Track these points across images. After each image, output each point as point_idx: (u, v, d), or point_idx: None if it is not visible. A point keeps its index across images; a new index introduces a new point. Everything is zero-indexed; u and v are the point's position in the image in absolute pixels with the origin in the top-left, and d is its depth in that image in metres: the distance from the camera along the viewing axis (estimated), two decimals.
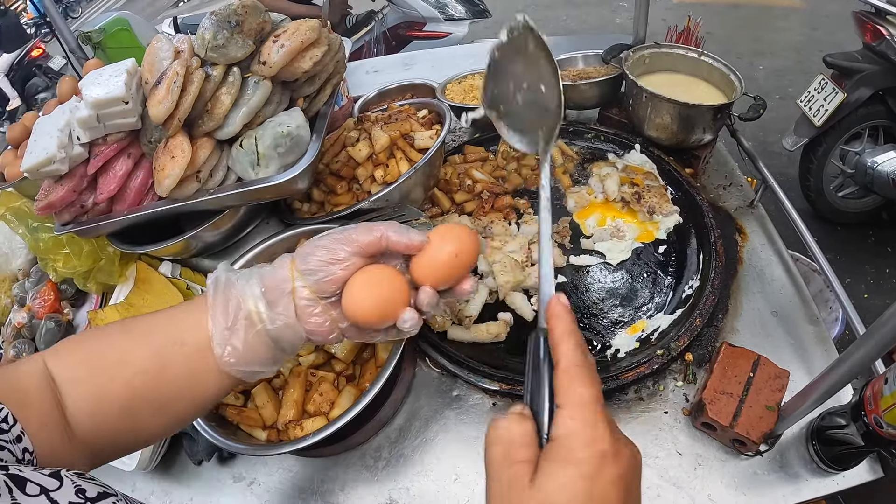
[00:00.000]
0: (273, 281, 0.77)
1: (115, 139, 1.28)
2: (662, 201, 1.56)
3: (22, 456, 0.61)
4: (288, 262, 0.79)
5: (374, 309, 0.76)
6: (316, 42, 1.28)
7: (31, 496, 0.51)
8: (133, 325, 0.79)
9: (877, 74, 3.15)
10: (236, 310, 0.76)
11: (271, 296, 0.76)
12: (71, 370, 0.73)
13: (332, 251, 0.77)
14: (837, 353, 1.30)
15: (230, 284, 0.78)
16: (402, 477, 1.23)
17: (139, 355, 0.75)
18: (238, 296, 0.77)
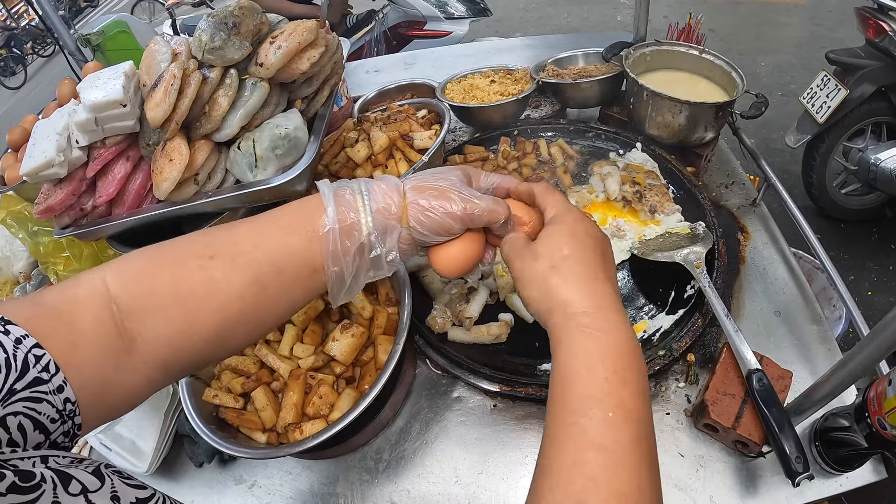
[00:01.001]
0: (382, 215, 0.79)
1: (113, 142, 1.27)
2: (664, 200, 1.55)
3: (63, 407, 0.59)
4: (400, 204, 0.80)
5: (459, 269, 0.86)
6: (313, 43, 1.27)
7: (72, 495, 0.50)
8: (220, 246, 0.75)
9: (879, 71, 3.13)
10: (352, 238, 0.78)
11: (379, 227, 0.79)
12: (148, 298, 0.70)
13: (448, 226, 0.81)
14: (841, 352, 1.30)
15: (344, 209, 0.78)
16: (403, 479, 1.23)
17: (236, 282, 0.73)
18: (355, 226, 0.78)
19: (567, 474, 0.65)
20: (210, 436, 1.08)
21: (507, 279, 1.38)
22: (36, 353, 0.58)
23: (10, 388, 0.54)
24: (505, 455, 1.22)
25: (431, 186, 0.81)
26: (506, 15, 7.18)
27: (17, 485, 0.46)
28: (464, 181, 0.85)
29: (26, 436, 0.54)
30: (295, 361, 1.17)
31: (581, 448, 0.65)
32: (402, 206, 0.80)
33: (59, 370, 0.59)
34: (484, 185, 0.89)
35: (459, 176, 0.85)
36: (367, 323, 1.21)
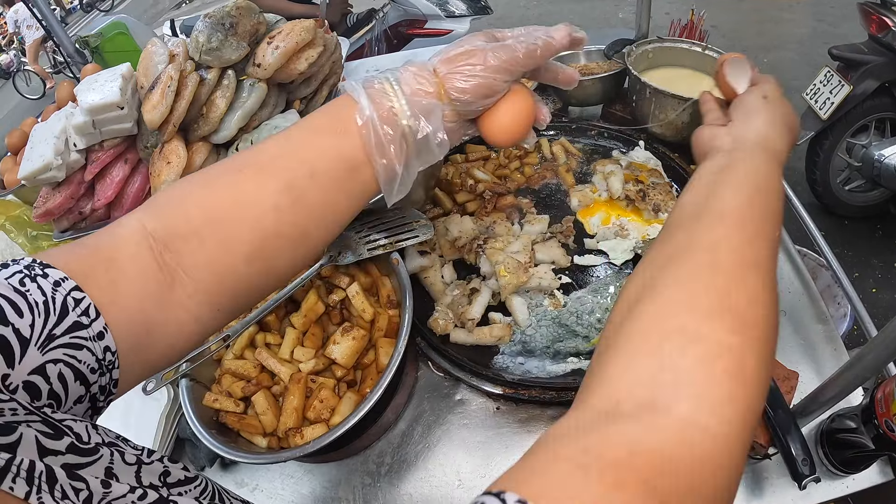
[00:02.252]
0: (419, 96, 0.75)
1: (111, 145, 1.27)
2: (668, 199, 1.54)
3: (103, 356, 0.57)
4: (434, 81, 0.77)
5: (513, 134, 0.83)
6: (311, 43, 1.27)
7: (128, 464, 0.50)
8: (247, 158, 0.73)
9: (883, 66, 3.12)
10: (393, 125, 0.74)
11: (418, 109, 0.75)
12: (181, 225, 0.67)
13: (490, 83, 0.76)
14: (846, 350, 1.28)
15: (378, 99, 0.75)
16: (405, 482, 1.22)
17: (267, 191, 0.69)
18: (392, 112, 0.74)
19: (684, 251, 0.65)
20: (210, 440, 1.07)
21: (510, 279, 1.37)
22: (75, 297, 0.56)
23: (49, 334, 0.52)
24: (508, 458, 1.21)
25: (460, 51, 0.77)
26: (507, 13, 7.17)
27: (76, 445, 0.46)
28: (490, 38, 0.81)
29: (67, 388, 0.52)
30: (295, 365, 1.16)
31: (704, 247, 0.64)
32: (437, 82, 0.76)
33: (100, 315, 0.57)
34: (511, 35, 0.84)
35: (483, 36, 0.81)
36: (368, 325, 1.20)
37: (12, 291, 0.52)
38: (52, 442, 0.44)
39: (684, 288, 0.59)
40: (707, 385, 0.50)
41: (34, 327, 0.51)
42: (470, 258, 1.48)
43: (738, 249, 0.62)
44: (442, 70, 0.76)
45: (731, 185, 0.74)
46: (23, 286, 0.53)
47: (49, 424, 0.46)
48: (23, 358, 0.49)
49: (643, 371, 0.53)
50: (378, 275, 1.28)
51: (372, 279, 1.28)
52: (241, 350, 1.21)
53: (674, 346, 0.53)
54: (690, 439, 0.48)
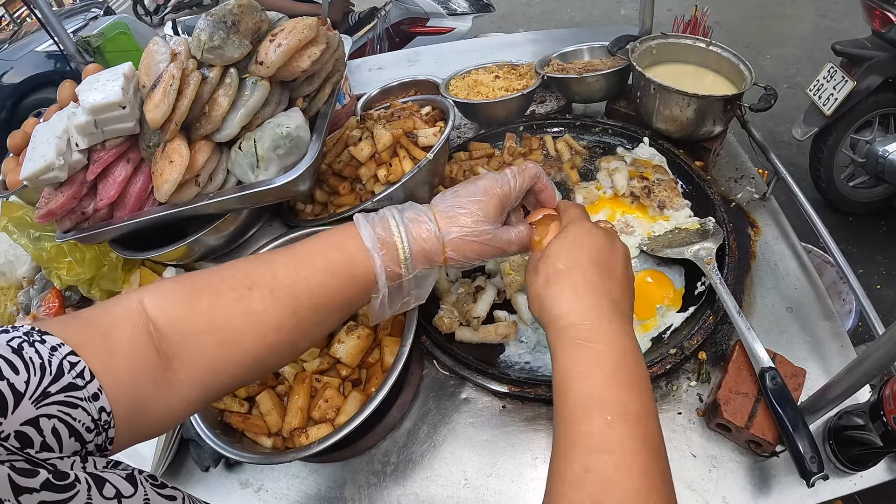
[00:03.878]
0: (422, 265, 0.87)
1: (113, 144, 1.26)
2: (673, 195, 1.53)
3: (98, 416, 0.59)
4: (440, 254, 0.87)
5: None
6: (314, 40, 1.26)
7: (107, 499, 0.51)
8: (258, 277, 0.78)
9: (886, 62, 3.11)
10: (399, 291, 0.88)
11: (416, 267, 0.87)
12: (185, 324, 0.72)
13: (486, 248, 0.88)
14: (853, 346, 1.28)
15: (391, 267, 0.85)
16: (411, 482, 1.21)
17: (274, 315, 0.76)
18: (400, 280, 0.86)
19: (579, 480, 0.66)
20: (215, 441, 1.07)
21: (515, 277, 1.36)
22: (71, 360, 0.59)
23: (44, 391, 0.54)
24: (514, 457, 1.20)
25: (469, 235, 0.86)
26: (508, 10, 7.16)
27: (51, 482, 0.47)
28: (496, 207, 0.89)
29: (61, 442, 0.54)
30: (300, 364, 1.16)
31: (587, 453, 0.68)
32: (442, 256, 0.87)
33: (95, 378, 0.60)
34: (517, 197, 0.93)
35: (491, 207, 0.88)
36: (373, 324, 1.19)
37: (10, 352, 0.54)
38: (25, 480, 0.45)
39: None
40: None
41: (29, 384, 0.53)
42: None
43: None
44: (450, 252, 0.87)
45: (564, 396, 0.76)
46: (21, 349, 0.55)
47: (30, 462, 0.47)
48: (16, 409, 0.51)
49: None
50: None
51: None
52: None
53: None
54: None
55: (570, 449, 0.69)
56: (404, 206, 0.89)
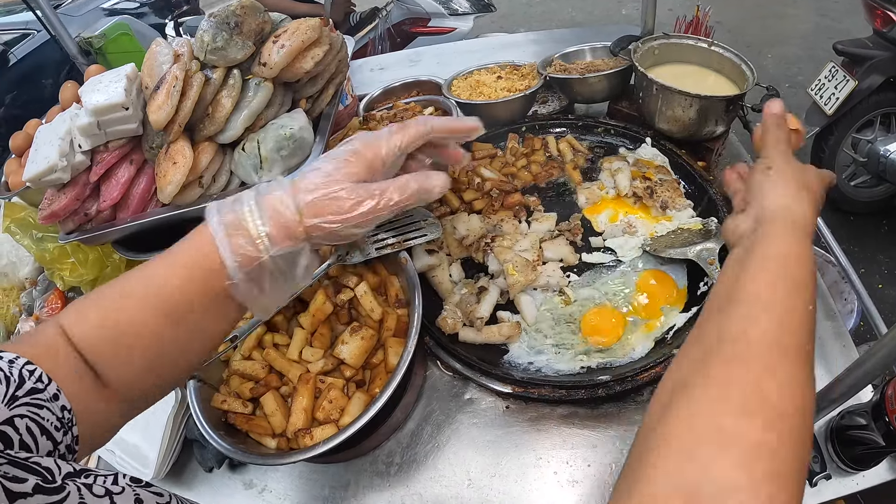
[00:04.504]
0: (284, 242, 0.78)
1: (116, 146, 1.26)
2: (675, 195, 1.54)
3: (61, 414, 0.63)
4: (294, 213, 0.77)
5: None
6: (317, 41, 1.26)
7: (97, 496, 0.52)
8: (134, 286, 0.77)
9: (888, 61, 3.11)
10: (262, 272, 0.78)
11: (283, 255, 0.78)
12: (88, 339, 0.73)
13: (348, 207, 0.78)
14: (854, 345, 1.28)
15: (243, 248, 0.77)
16: (415, 482, 1.21)
17: (150, 321, 0.75)
18: (258, 261, 0.77)
19: (738, 339, 0.64)
20: (219, 442, 1.07)
21: (518, 278, 1.36)
22: (29, 369, 0.64)
23: (12, 395, 0.59)
24: (518, 457, 1.21)
25: (329, 200, 0.78)
26: (510, 10, 7.16)
27: (42, 485, 0.48)
28: (363, 166, 0.82)
29: (36, 440, 0.58)
30: (304, 365, 1.16)
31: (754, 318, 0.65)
32: (301, 226, 0.78)
33: (52, 381, 0.65)
34: (389, 155, 0.85)
35: (355, 166, 0.81)
36: (377, 325, 1.19)
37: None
38: (17, 485, 0.46)
39: (715, 385, 0.59)
40: (748, 491, 0.50)
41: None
42: (478, 257, 1.47)
43: (765, 336, 0.63)
44: (309, 221, 0.78)
45: (752, 271, 0.72)
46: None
47: (16, 465, 0.49)
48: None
49: (683, 478, 0.53)
50: (386, 274, 1.28)
51: (380, 279, 1.27)
52: (249, 351, 1.21)
53: (711, 450, 0.53)
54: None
55: (736, 306, 0.68)
56: (266, 183, 0.82)
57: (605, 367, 1.27)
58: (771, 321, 0.64)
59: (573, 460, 1.19)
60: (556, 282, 1.39)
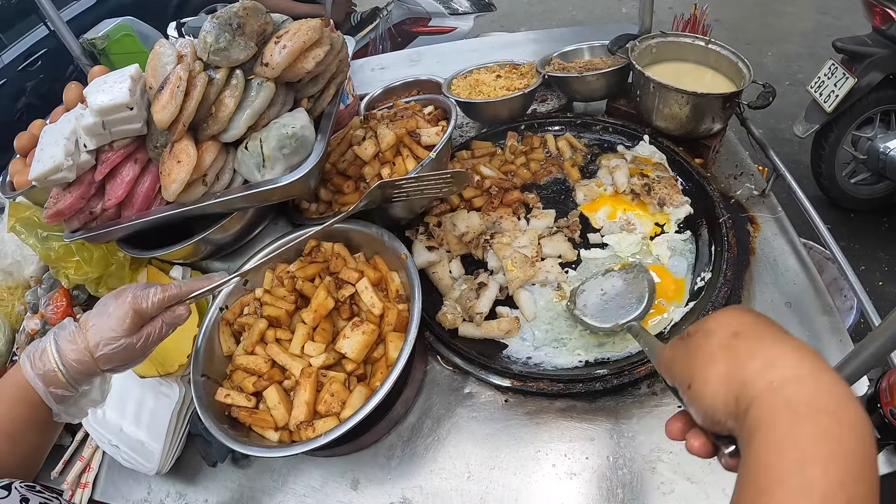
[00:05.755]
0: (81, 372, 0.97)
1: (121, 145, 1.28)
2: (673, 192, 1.55)
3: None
4: (92, 363, 0.97)
5: None
6: (318, 42, 1.28)
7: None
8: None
9: (887, 58, 3.10)
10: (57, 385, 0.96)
11: (80, 377, 0.98)
12: None
13: (129, 353, 0.99)
14: (852, 342, 1.29)
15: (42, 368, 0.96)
16: (415, 475, 1.23)
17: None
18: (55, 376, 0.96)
19: None
20: (223, 435, 1.08)
21: (517, 274, 1.38)
22: None
23: None
24: (517, 450, 1.22)
25: (113, 350, 0.97)
26: (510, 10, 7.15)
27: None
28: (133, 322, 0.99)
29: None
30: (306, 360, 1.18)
31: None
32: (98, 368, 0.98)
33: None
34: (151, 309, 1.02)
35: (129, 322, 0.98)
36: (378, 320, 1.21)
37: None
38: None
39: None
40: None
41: None
42: (477, 253, 1.49)
43: None
44: (102, 364, 0.98)
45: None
46: None
47: None
48: None
49: None
50: (387, 270, 1.29)
51: (381, 274, 1.29)
52: (252, 346, 1.23)
53: None
54: None
55: None
56: (61, 332, 0.99)
57: (602, 361, 1.28)
58: None
59: (571, 453, 1.20)
60: (555, 277, 1.41)
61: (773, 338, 0.59)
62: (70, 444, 1.46)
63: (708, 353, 0.62)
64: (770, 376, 0.54)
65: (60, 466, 1.43)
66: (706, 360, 0.62)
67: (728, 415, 0.58)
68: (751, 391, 0.55)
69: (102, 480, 1.40)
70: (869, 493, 0.48)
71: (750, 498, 0.51)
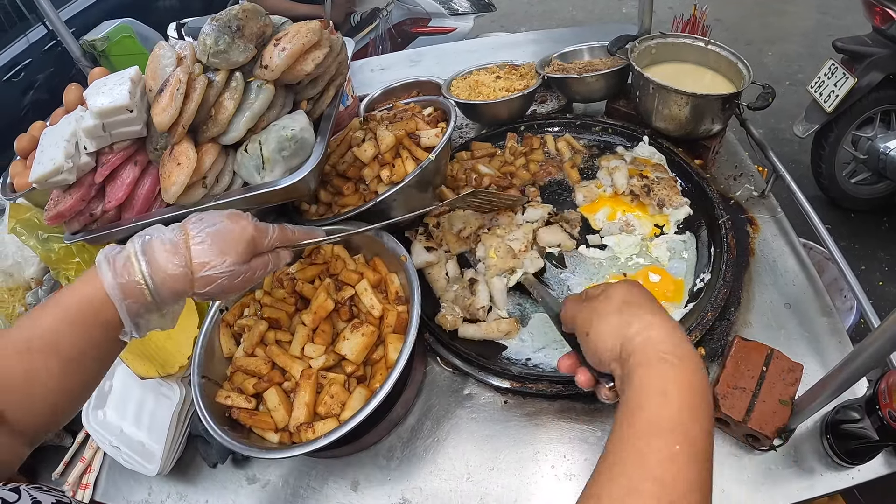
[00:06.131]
0: (170, 291, 0.88)
1: (121, 147, 1.28)
2: (672, 193, 1.55)
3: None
4: (187, 282, 0.88)
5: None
6: (317, 44, 1.28)
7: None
8: (32, 338, 0.83)
9: (887, 58, 3.10)
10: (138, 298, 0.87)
11: (166, 298, 0.88)
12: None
13: (232, 283, 0.91)
14: (852, 343, 1.29)
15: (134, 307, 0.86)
16: (415, 476, 1.23)
17: (53, 370, 0.82)
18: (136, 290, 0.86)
19: (621, 500, 0.64)
20: (223, 436, 1.09)
21: (495, 262, 1.40)
22: None
23: None
24: (516, 451, 1.23)
25: (217, 273, 0.89)
26: (510, 10, 7.14)
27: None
28: (246, 251, 0.93)
29: None
30: (306, 361, 1.18)
31: (640, 477, 0.65)
32: (190, 291, 0.90)
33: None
34: (267, 245, 0.98)
35: (242, 249, 0.92)
36: (378, 321, 1.21)
37: None
38: None
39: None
40: None
41: None
42: (474, 248, 1.50)
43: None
44: (199, 287, 0.89)
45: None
46: None
47: None
48: None
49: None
50: (386, 272, 1.30)
51: (380, 276, 1.29)
52: (252, 348, 1.23)
53: None
54: None
55: (622, 468, 0.67)
56: (153, 238, 0.89)
57: None
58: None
59: (570, 454, 1.21)
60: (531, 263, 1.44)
61: (650, 308, 0.83)
62: (71, 445, 1.46)
63: (605, 312, 0.85)
64: (646, 334, 0.78)
65: (61, 467, 1.43)
66: (602, 317, 0.85)
67: (613, 358, 0.81)
68: (633, 343, 0.78)
69: (103, 481, 1.40)
70: (702, 403, 0.72)
71: (630, 412, 0.72)
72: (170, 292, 0.87)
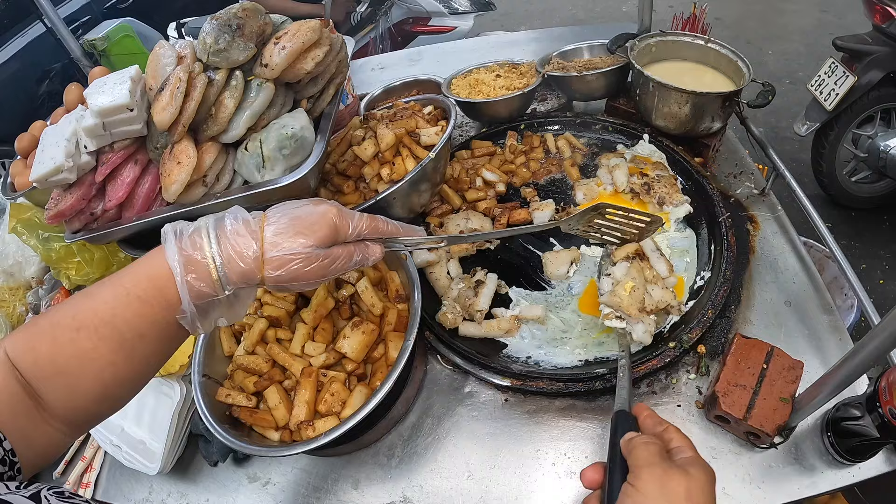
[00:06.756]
0: (238, 281, 0.82)
1: (121, 146, 1.28)
2: (672, 191, 1.55)
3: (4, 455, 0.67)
4: (257, 264, 0.82)
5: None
6: (317, 43, 1.28)
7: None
8: (83, 317, 0.78)
9: (887, 56, 3.10)
10: (210, 307, 0.84)
11: (234, 280, 0.82)
12: (33, 369, 0.75)
13: (309, 267, 0.84)
14: (852, 341, 1.29)
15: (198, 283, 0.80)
16: (416, 474, 1.23)
17: (103, 351, 0.77)
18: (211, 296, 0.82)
19: None
20: (224, 435, 1.09)
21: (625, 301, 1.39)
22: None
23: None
24: (517, 449, 1.23)
25: (291, 256, 0.82)
26: (510, 8, 7.14)
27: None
28: (328, 236, 0.85)
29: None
30: (307, 359, 1.18)
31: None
32: (260, 275, 0.83)
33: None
34: (352, 233, 0.90)
35: (324, 233, 0.85)
36: (378, 320, 1.21)
37: None
38: None
39: None
40: None
41: None
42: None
43: None
44: (270, 268, 0.82)
45: None
46: None
47: None
48: None
49: None
50: (386, 270, 1.30)
51: (381, 274, 1.29)
52: (252, 346, 1.23)
53: None
54: None
55: None
56: (227, 216, 0.85)
57: (602, 360, 1.29)
58: None
59: (571, 452, 1.21)
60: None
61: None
62: (71, 443, 1.46)
63: (664, 487, 0.78)
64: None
65: (62, 466, 1.43)
66: (658, 487, 0.78)
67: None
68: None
69: (104, 480, 1.40)
70: None
71: None
72: (238, 273, 0.81)
